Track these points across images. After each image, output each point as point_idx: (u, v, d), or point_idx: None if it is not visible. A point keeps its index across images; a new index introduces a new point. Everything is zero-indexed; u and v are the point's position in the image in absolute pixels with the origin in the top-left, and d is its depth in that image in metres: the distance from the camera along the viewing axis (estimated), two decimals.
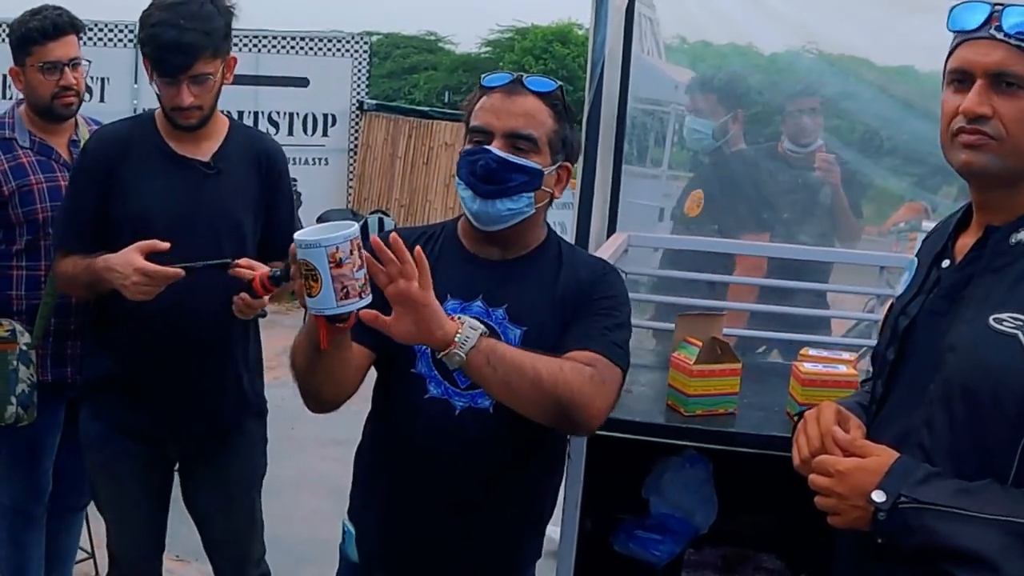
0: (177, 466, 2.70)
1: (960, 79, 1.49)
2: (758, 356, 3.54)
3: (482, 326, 1.71)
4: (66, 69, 2.87)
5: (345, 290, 1.54)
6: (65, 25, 2.88)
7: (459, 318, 1.71)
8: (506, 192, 1.84)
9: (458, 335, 1.66)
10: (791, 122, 4.10)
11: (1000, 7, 1.45)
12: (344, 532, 2.07)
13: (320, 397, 1.86)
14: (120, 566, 2.66)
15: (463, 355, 1.67)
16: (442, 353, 1.69)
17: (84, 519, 3.40)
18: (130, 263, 2.27)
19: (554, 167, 1.90)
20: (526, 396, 1.72)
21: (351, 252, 1.53)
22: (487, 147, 1.84)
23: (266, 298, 2.37)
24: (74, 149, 2.96)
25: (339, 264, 1.52)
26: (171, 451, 2.63)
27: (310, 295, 1.55)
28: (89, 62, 2.96)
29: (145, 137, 2.49)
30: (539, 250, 1.96)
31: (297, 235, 1.57)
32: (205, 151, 2.49)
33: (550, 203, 1.95)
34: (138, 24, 2.42)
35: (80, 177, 2.54)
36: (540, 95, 1.87)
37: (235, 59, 2.50)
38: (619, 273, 2.01)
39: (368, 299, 1.59)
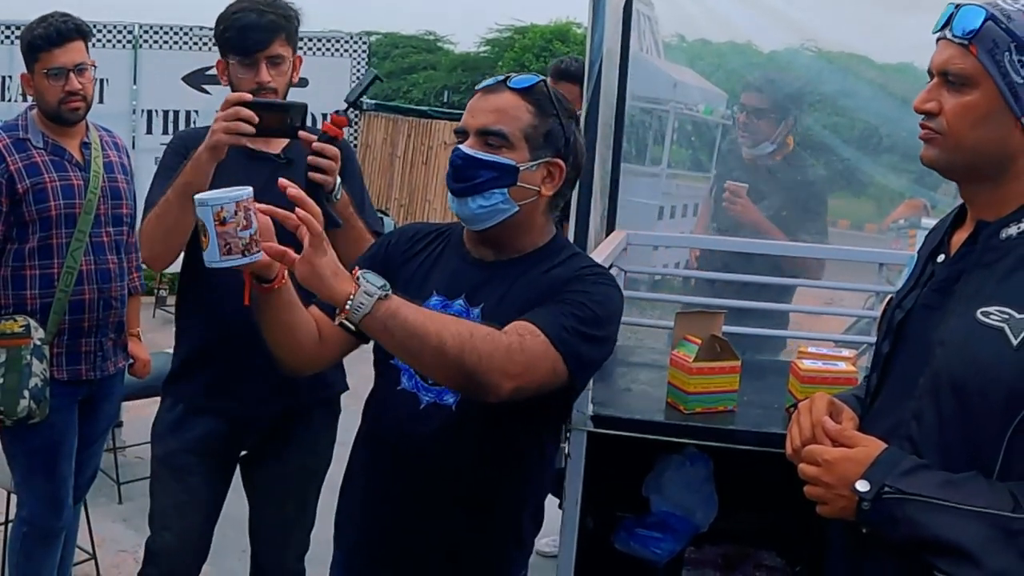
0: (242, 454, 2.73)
1: (930, 78, 1.56)
2: None
3: (379, 290, 1.66)
4: (71, 75, 2.89)
5: (228, 246, 1.66)
6: (70, 31, 2.90)
7: (358, 280, 1.67)
8: (475, 189, 1.84)
9: (349, 301, 1.65)
10: (739, 115, 3.83)
11: (959, 8, 1.52)
12: None
13: (276, 357, 1.90)
14: (158, 564, 2.64)
15: (351, 325, 1.69)
16: (337, 319, 1.71)
17: (83, 516, 3.40)
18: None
19: (535, 163, 1.86)
20: (429, 362, 1.70)
21: (235, 212, 1.65)
22: (459, 146, 1.86)
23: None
24: (86, 151, 3.00)
25: (223, 222, 1.65)
26: (243, 435, 2.67)
27: (204, 249, 1.68)
28: (95, 66, 2.98)
29: None
30: (536, 253, 1.92)
31: (196, 196, 1.69)
32: (276, 146, 2.61)
33: (550, 204, 1.91)
34: (216, 22, 2.58)
35: (165, 169, 2.58)
36: (518, 91, 1.86)
37: (301, 59, 2.63)
38: (612, 282, 1.90)
39: (253, 258, 1.68)
